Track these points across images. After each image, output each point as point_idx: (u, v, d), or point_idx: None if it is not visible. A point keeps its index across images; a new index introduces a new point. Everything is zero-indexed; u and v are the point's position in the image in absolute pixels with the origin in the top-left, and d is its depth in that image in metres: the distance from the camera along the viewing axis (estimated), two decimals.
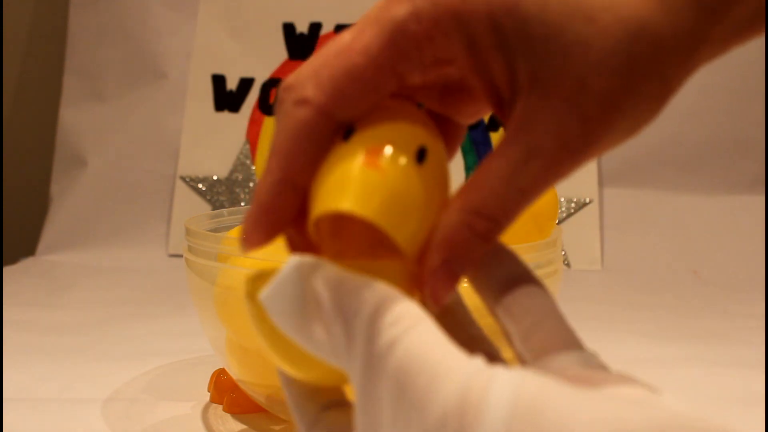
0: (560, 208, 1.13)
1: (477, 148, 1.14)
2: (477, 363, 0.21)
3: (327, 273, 0.23)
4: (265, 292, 0.23)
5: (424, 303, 0.25)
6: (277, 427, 0.52)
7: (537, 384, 0.20)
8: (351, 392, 0.23)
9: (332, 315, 0.22)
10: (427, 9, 0.25)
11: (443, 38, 0.25)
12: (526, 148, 0.24)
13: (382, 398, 0.21)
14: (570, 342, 0.23)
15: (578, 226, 1.12)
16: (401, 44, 0.25)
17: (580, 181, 1.15)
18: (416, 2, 0.25)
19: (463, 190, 0.25)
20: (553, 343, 0.23)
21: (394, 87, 0.26)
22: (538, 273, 0.48)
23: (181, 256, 0.53)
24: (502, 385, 0.20)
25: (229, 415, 0.54)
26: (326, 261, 0.23)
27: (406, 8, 0.25)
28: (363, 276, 0.23)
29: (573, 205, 1.13)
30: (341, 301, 0.22)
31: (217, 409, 0.55)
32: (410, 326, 0.21)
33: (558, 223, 0.99)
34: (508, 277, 0.25)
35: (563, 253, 1.03)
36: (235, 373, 0.51)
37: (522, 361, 0.24)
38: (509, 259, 0.26)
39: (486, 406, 0.19)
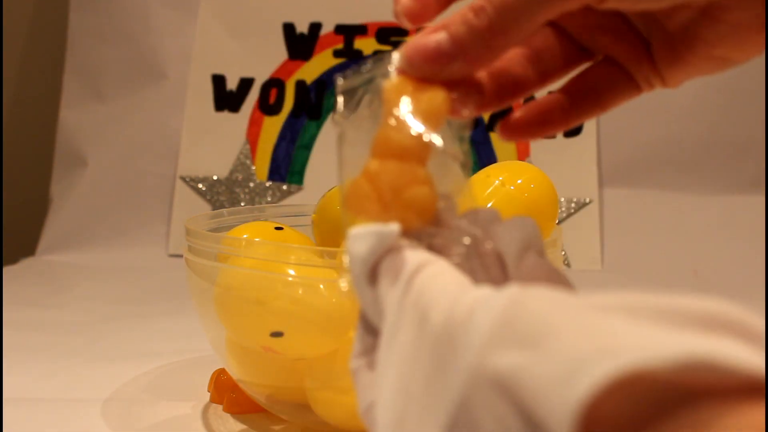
0: (560, 208, 1.13)
1: (477, 148, 1.14)
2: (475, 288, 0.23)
3: (399, 246, 0.26)
4: (356, 229, 0.26)
5: None
6: (277, 427, 0.52)
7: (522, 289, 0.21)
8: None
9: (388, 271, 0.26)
10: None
11: None
12: None
13: (406, 315, 0.24)
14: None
15: (578, 226, 1.12)
16: None
17: (580, 181, 1.15)
18: None
19: None
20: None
21: None
22: None
23: (181, 256, 0.53)
24: (490, 294, 0.21)
25: (229, 415, 0.54)
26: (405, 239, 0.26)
27: None
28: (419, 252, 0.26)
29: (573, 205, 1.13)
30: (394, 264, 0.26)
31: (217, 409, 0.55)
32: (426, 264, 0.25)
33: (558, 223, 0.99)
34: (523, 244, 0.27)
35: (563, 253, 1.03)
36: (235, 373, 0.51)
37: None
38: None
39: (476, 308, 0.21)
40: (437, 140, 0.27)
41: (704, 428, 0.16)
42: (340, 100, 0.29)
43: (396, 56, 0.29)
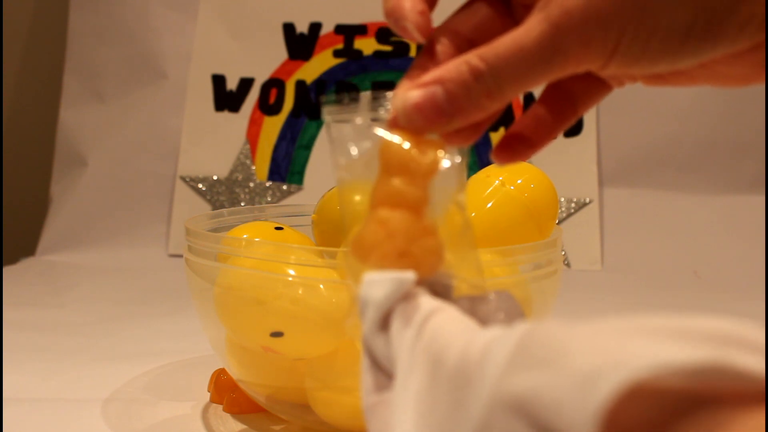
0: (560, 208, 1.13)
1: (477, 148, 1.14)
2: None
3: (413, 293, 0.27)
4: (373, 275, 0.27)
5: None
6: (277, 427, 0.52)
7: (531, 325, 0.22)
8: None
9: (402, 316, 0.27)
10: None
11: None
12: (539, 17, 0.28)
13: (418, 360, 0.24)
14: None
15: (578, 226, 1.12)
16: None
17: (580, 181, 1.15)
18: None
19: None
20: None
21: None
22: (538, 273, 0.48)
23: (181, 256, 0.53)
24: (503, 332, 0.22)
25: (229, 415, 0.54)
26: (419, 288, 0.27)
27: None
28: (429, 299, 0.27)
29: (573, 205, 1.13)
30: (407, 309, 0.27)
31: (217, 409, 0.55)
32: (437, 310, 0.26)
33: (558, 223, 0.99)
34: None
35: (563, 253, 1.03)
36: (235, 373, 0.51)
37: None
38: None
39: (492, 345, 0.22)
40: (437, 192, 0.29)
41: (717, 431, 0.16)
42: (340, 145, 0.30)
43: (389, 101, 0.30)
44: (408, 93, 0.29)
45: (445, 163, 0.29)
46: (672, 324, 0.18)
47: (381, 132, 0.29)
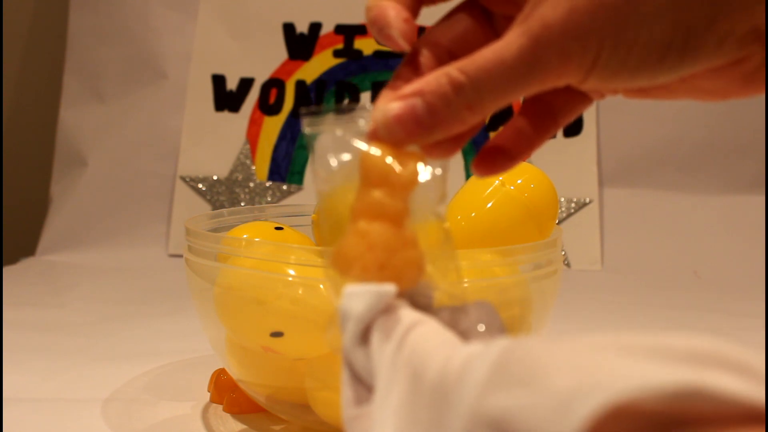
0: (560, 208, 1.13)
1: (477, 149, 1.14)
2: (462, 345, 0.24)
3: (392, 305, 0.27)
4: (353, 288, 0.27)
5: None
6: (277, 427, 0.52)
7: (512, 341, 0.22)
8: None
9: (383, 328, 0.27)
10: None
11: None
12: (518, 30, 0.28)
13: (400, 372, 0.25)
14: None
15: (578, 226, 1.12)
16: None
17: (580, 181, 1.15)
18: None
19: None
20: None
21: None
22: (538, 273, 0.48)
23: (181, 256, 0.53)
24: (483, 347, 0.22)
25: (229, 415, 0.54)
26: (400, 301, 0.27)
27: None
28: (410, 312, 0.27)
29: (573, 205, 1.13)
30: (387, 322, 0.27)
31: (217, 409, 0.55)
32: (418, 323, 0.26)
33: (558, 223, 0.99)
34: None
35: (563, 253, 1.03)
36: (235, 373, 0.51)
37: None
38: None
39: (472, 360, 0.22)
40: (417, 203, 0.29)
41: None
42: (322, 160, 0.30)
43: (368, 115, 0.30)
44: (388, 105, 0.29)
45: (425, 175, 0.29)
46: (649, 342, 0.18)
47: (361, 144, 0.29)
